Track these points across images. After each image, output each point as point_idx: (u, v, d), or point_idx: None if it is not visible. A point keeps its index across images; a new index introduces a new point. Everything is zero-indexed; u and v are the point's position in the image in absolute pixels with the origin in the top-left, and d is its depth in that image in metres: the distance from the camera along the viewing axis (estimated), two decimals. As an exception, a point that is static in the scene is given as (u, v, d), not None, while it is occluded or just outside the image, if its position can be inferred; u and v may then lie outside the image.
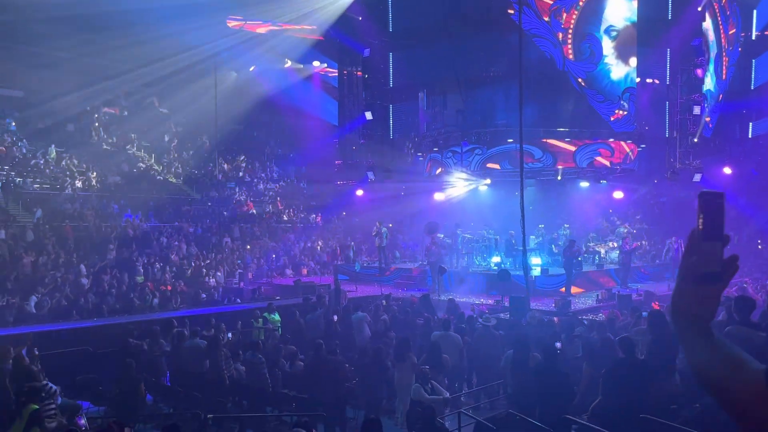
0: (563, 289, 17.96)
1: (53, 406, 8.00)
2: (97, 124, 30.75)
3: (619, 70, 21.51)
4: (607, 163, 21.83)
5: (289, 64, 34.30)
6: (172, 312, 15.69)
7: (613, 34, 21.34)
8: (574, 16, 21.02)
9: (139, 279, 18.88)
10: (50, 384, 8.21)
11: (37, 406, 7.16)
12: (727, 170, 24.78)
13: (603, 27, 21.26)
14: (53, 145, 27.03)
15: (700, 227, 1.22)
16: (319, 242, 27.68)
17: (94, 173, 26.72)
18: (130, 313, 15.70)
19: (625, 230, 21.61)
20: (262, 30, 31.01)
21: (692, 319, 1.20)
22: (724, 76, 24.88)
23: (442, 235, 21.23)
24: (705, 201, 1.22)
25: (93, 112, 30.80)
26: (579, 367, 9.03)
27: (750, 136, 27.43)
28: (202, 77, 28.70)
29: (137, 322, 12.75)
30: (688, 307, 1.20)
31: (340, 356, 10.15)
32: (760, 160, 27.13)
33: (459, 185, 24.48)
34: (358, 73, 25.81)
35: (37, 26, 25.39)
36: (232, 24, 29.62)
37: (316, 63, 33.89)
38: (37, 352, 10.07)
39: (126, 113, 31.70)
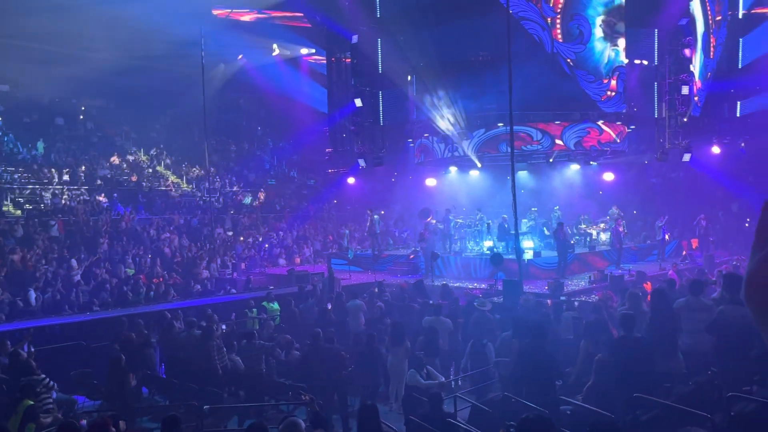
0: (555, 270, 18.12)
1: (50, 400, 7.99)
2: (82, 117, 30.48)
3: (608, 50, 21.49)
4: (596, 143, 21.87)
5: (277, 52, 34.02)
6: (165, 304, 15.66)
7: (601, 11, 21.33)
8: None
9: (130, 272, 18.79)
10: (47, 378, 8.19)
11: (32, 402, 7.15)
12: (716, 149, 24.88)
13: (591, 7, 21.24)
14: (41, 140, 26.80)
15: None
16: (311, 231, 27.66)
17: (83, 167, 26.52)
18: (123, 306, 15.66)
19: (617, 211, 21.67)
20: (248, 18, 30.70)
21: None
22: (711, 55, 24.91)
23: (434, 221, 21.27)
24: None
25: (80, 105, 30.55)
26: (569, 348, 9.09)
27: (738, 115, 27.48)
28: (190, 67, 28.42)
29: (130, 315, 12.71)
30: (766, 283, 1.13)
31: (337, 344, 10.17)
32: (747, 139, 27.23)
33: (450, 170, 24.48)
34: (347, 60, 25.61)
35: (22, 19, 25.05)
36: (217, 12, 29.31)
37: (304, 50, 33.62)
38: (33, 349, 10.05)
39: (114, 106, 31.42)
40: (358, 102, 23.35)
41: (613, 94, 21.74)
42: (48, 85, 27.83)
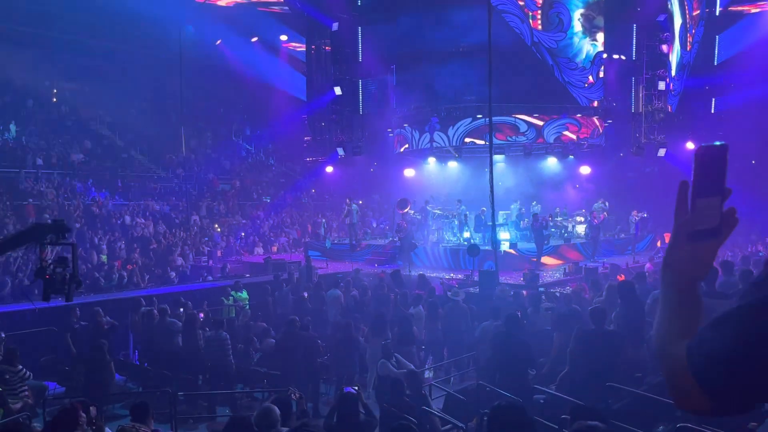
0: (534, 259, 18.36)
1: (25, 388, 7.90)
2: (55, 100, 29.85)
3: (587, 43, 21.69)
4: (574, 138, 22.05)
5: (255, 38, 33.63)
6: (139, 291, 15.47)
7: (581, 5, 21.51)
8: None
9: (103, 258, 18.53)
10: (24, 369, 8.09)
11: (0, 389, 7.05)
12: (690, 145, 25.23)
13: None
14: (13, 122, 26.19)
15: (695, 182, 1.13)
16: (288, 219, 27.52)
17: (56, 150, 26.00)
18: (95, 292, 15.42)
19: (603, 205, 21.77)
20: (227, 3, 30.30)
21: (682, 276, 1.15)
22: (689, 48, 25.25)
23: (412, 211, 21.28)
24: (703, 154, 1.12)
25: (53, 87, 29.90)
26: (547, 338, 9.18)
27: (713, 111, 27.93)
28: (168, 52, 27.97)
29: (102, 302, 12.53)
30: (680, 264, 1.15)
31: (312, 332, 10.15)
32: (721, 136, 27.66)
33: (428, 161, 24.51)
34: (327, 48, 25.43)
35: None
36: (196, -3, 28.90)
37: (283, 37, 33.28)
38: (3, 335, 9.85)
39: (88, 89, 30.78)
40: (337, 90, 23.23)
41: (594, 82, 22.04)
42: (18, 67, 27.17)
